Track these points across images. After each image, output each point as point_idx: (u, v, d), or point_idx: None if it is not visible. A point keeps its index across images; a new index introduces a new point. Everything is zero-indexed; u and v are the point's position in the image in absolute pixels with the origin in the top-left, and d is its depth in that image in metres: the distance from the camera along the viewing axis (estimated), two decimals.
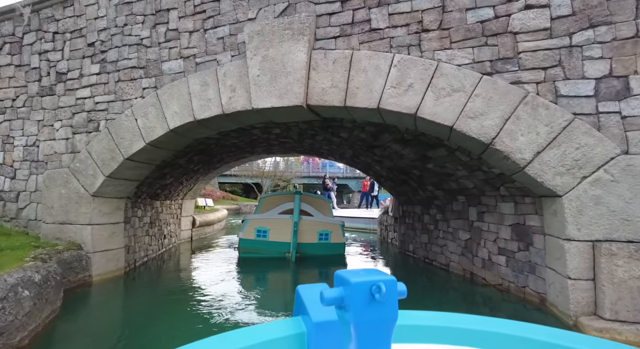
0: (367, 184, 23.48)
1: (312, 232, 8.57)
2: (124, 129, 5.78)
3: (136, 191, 7.02)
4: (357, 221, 15.59)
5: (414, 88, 4.44)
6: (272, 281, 7.46)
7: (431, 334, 0.88)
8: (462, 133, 4.27)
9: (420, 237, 8.16)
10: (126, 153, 5.76)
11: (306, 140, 7.98)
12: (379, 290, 0.66)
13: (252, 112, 5.18)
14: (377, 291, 0.67)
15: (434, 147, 5.57)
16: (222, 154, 8.66)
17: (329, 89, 4.78)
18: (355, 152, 8.04)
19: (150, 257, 8.37)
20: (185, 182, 9.67)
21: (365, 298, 0.67)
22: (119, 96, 5.95)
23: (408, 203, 8.88)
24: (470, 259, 6.17)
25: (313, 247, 8.59)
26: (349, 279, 0.69)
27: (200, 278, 7.54)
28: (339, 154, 8.84)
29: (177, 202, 10.74)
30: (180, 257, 9.90)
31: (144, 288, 6.37)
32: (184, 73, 5.62)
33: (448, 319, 0.92)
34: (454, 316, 0.94)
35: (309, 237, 8.51)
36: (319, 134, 7.16)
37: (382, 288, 0.66)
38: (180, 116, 5.49)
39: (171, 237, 10.27)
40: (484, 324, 0.90)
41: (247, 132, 6.85)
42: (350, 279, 0.68)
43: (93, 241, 5.85)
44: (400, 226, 9.40)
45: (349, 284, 0.68)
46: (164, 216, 9.48)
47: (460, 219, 6.51)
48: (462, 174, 5.76)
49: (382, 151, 6.98)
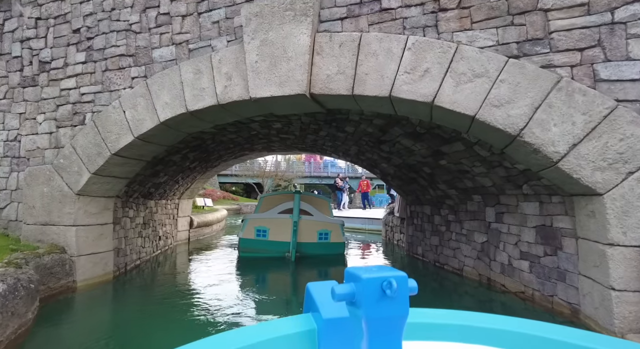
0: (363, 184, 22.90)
1: (312, 231, 8.51)
2: (111, 122, 5.32)
3: (127, 190, 6.56)
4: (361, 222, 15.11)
5: (431, 73, 3.97)
6: (272, 282, 7.24)
7: (442, 332, 0.88)
8: (485, 124, 3.79)
9: (430, 240, 7.67)
10: (113, 148, 5.29)
11: (309, 136, 7.51)
12: (390, 286, 0.66)
13: (249, 102, 4.71)
14: (388, 286, 0.66)
15: (449, 142, 5.08)
16: (219, 151, 8.19)
17: (334, 76, 4.31)
18: (361, 149, 7.56)
19: (143, 259, 7.90)
20: (181, 181, 9.21)
21: (376, 293, 0.67)
22: (107, 86, 5.49)
23: (416, 203, 8.39)
24: (487, 263, 5.68)
25: (313, 246, 8.52)
26: (359, 275, 0.68)
27: (197, 280, 7.26)
28: (343, 150, 8.36)
29: (173, 202, 10.29)
30: (176, 260, 9.47)
31: (135, 293, 5.92)
32: (176, 61, 5.16)
33: (459, 317, 0.92)
34: (465, 314, 0.94)
35: (309, 236, 8.45)
36: (323, 129, 6.68)
37: (394, 284, 0.66)
38: (172, 107, 5.03)
39: (167, 239, 9.81)
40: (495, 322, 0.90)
41: (245, 126, 6.38)
42: (361, 275, 0.68)
43: (78, 243, 5.38)
44: (408, 227, 8.91)
45: (360, 280, 0.68)
46: (159, 216, 9.02)
47: (476, 220, 6.02)
48: (479, 171, 5.27)
49: (390, 147, 6.50)
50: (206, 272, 7.79)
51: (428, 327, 0.88)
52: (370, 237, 13.50)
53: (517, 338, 0.85)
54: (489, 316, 0.94)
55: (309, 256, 8.45)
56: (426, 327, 0.88)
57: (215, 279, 6.93)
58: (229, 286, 6.39)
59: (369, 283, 0.66)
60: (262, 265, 8.03)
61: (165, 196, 9.15)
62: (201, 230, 12.50)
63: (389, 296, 0.66)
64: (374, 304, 0.66)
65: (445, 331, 0.88)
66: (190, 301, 5.65)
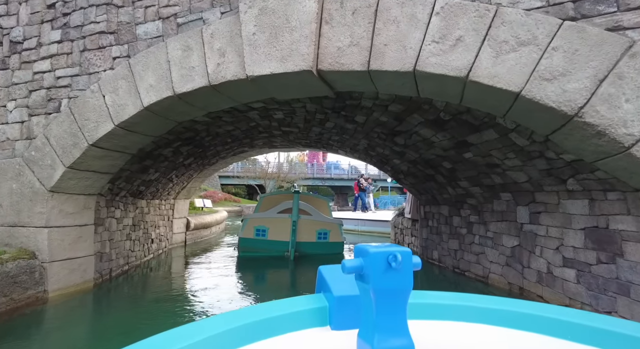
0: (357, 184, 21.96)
1: (311, 231, 8.59)
2: (89, 108, 4.64)
3: (111, 187, 5.88)
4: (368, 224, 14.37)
5: (465, 42, 3.27)
6: (271, 283, 7.07)
7: (446, 312, 0.92)
8: (532, 102, 3.09)
9: (448, 243, 6.95)
10: (91, 138, 4.62)
11: (314, 128, 6.81)
12: (395, 259, 0.69)
13: (246, 82, 4.02)
14: (394, 259, 0.69)
15: (479, 130, 4.37)
16: (216, 146, 7.51)
17: (346, 48, 3.62)
18: (371, 143, 6.85)
19: (132, 264, 7.22)
20: (175, 179, 8.53)
21: (382, 266, 0.70)
22: (85, 68, 4.82)
23: (432, 203, 7.67)
24: (520, 270, 4.95)
25: (312, 246, 8.59)
26: (367, 250, 0.72)
27: (192, 285, 6.77)
28: (351, 146, 7.66)
29: (168, 203, 9.61)
30: (170, 264, 8.81)
31: (119, 303, 5.24)
32: (163, 37, 4.49)
33: (462, 298, 0.96)
34: (467, 296, 0.98)
35: (308, 236, 8.52)
36: (330, 119, 5.99)
37: (398, 257, 0.70)
38: (157, 90, 4.35)
39: (161, 242, 9.13)
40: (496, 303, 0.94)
41: (243, 116, 5.69)
42: (369, 250, 0.72)
43: (51, 247, 4.70)
44: (422, 229, 8.18)
45: (367, 254, 0.72)
46: (151, 217, 8.35)
47: (504, 222, 5.30)
48: (512, 165, 4.56)
49: (406, 139, 5.79)
50: (202, 276, 7.42)
51: (433, 307, 0.92)
52: (378, 240, 12.79)
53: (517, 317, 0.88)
54: (492, 298, 0.97)
55: (308, 255, 8.46)
56: (431, 307, 0.92)
57: (212, 283, 6.61)
58: (226, 290, 6.09)
59: (375, 256, 0.71)
60: (262, 265, 7.98)
61: (158, 195, 8.48)
62: (199, 232, 11.82)
63: (394, 269, 0.70)
64: (381, 276, 0.70)
65: (449, 311, 0.92)
66: (184, 308, 5.13)
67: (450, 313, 0.91)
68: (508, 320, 0.88)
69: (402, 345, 0.71)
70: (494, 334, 0.87)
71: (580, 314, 0.87)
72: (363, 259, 0.72)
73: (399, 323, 0.72)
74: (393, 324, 0.71)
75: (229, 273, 7.87)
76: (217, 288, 6.37)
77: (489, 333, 0.87)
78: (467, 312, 0.91)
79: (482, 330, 0.88)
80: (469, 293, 0.99)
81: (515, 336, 0.86)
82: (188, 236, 11.03)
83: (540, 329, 0.85)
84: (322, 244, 8.72)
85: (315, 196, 11.53)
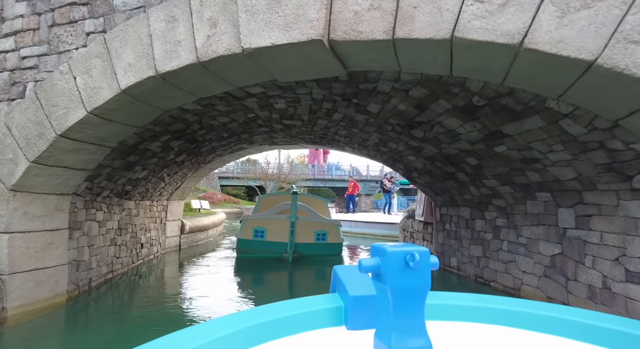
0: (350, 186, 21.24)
1: (309, 232, 8.52)
2: (58, 92, 3.94)
3: (90, 186, 5.17)
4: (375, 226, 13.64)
5: (518, 0, 2.57)
6: (270, 289, 6.82)
7: (465, 313, 0.91)
8: (612, 72, 2.39)
9: (469, 249, 6.23)
10: (60, 127, 3.92)
11: (319, 121, 6.11)
12: (412, 258, 0.69)
13: (241, 58, 3.32)
14: (411, 259, 0.69)
15: (520, 117, 3.66)
16: (211, 141, 6.81)
17: (365, 13, 2.91)
18: (384, 138, 6.15)
19: (118, 272, 6.51)
20: (167, 178, 7.82)
21: (400, 265, 0.70)
22: (54, 46, 4.12)
23: (450, 204, 6.95)
24: (563, 284, 4.23)
25: (310, 247, 8.53)
26: (385, 249, 0.72)
27: (186, 293, 6.23)
28: (360, 141, 6.95)
29: (160, 204, 8.90)
30: (163, 270, 8.13)
31: (97, 318, 4.57)
32: (144, 8, 3.79)
33: (479, 300, 0.95)
34: (484, 297, 0.97)
35: (306, 237, 8.45)
36: (338, 109, 5.28)
37: (416, 256, 0.69)
38: (136, 70, 3.65)
39: (152, 246, 8.42)
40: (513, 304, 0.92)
41: (239, 103, 4.99)
42: (386, 249, 0.71)
43: (12, 256, 3.99)
44: (437, 233, 7.46)
45: (385, 253, 0.71)
46: (141, 220, 7.64)
47: (541, 226, 4.58)
48: (557, 159, 3.85)
49: (425, 132, 5.08)
50: (197, 282, 6.93)
51: (450, 308, 0.91)
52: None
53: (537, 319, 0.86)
54: (510, 299, 0.96)
55: (307, 257, 8.41)
56: (448, 308, 0.91)
57: (208, 290, 6.20)
58: (222, 297, 5.74)
59: (393, 255, 0.70)
60: (260, 267, 7.87)
61: (148, 196, 7.77)
62: (195, 236, 11.11)
63: (412, 268, 0.69)
64: (398, 276, 0.69)
65: (467, 312, 0.90)
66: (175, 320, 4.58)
67: (469, 314, 0.90)
68: (527, 322, 0.87)
69: (420, 346, 0.71)
70: (512, 336, 0.86)
71: (603, 317, 0.86)
72: (380, 258, 0.72)
73: (416, 323, 0.71)
74: (411, 325, 0.71)
75: (225, 278, 7.47)
76: (213, 296, 5.89)
77: (507, 335, 0.86)
78: (486, 313, 0.90)
79: (501, 332, 0.87)
80: (487, 295, 0.99)
81: (535, 339, 0.85)
82: (183, 239, 10.32)
83: (560, 332, 0.84)
84: (320, 245, 8.63)
85: (314, 196, 11.29)
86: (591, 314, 0.87)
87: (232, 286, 6.91)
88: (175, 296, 6.22)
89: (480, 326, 0.88)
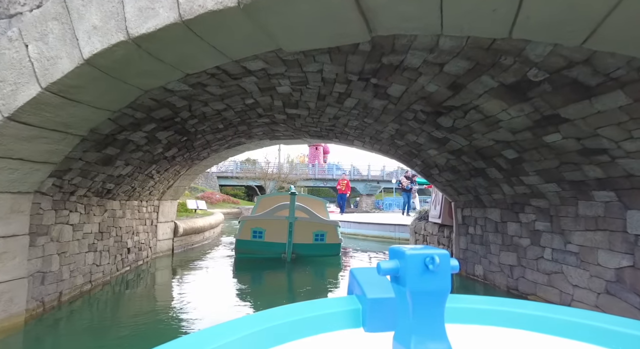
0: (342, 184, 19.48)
1: (308, 232, 8.49)
2: (5, 64, 3.15)
3: (59, 183, 4.38)
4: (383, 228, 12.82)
5: None
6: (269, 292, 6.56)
7: (486, 316, 0.88)
8: None
9: (499, 257, 5.44)
10: (8, 108, 3.13)
11: (328, 110, 5.32)
12: (432, 261, 0.67)
13: (236, 14, 2.52)
14: (431, 261, 0.67)
15: (592, 94, 2.87)
16: (204, 133, 6.02)
17: None
18: (402, 129, 5.36)
19: (98, 282, 5.72)
20: (157, 176, 7.03)
21: (419, 268, 0.68)
22: (4, 8, 3.33)
23: (474, 205, 6.16)
24: (636, 304, 3.44)
25: (308, 247, 8.52)
26: (404, 251, 0.70)
27: (178, 303, 5.58)
28: (373, 134, 6.17)
29: (150, 204, 8.11)
30: (153, 277, 7.39)
31: (66, 341, 3.83)
32: None
33: (503, 303, 0.93)
34: (505, 300, 0.95)
35: (305, 237, 8.42)
36: (353, 93, 4.50)
37: (436, 259, 0.67)
38: (103, 33, 2.86)
39: (141, 251, 7.63)
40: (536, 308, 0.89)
41: (235, 84, 4.19)
42: (405, 252, 0.70)
43: None
44: (459, 238, 6.68)
45: (404, 256, 0.70)
46: (127, 222, 6.86)
47: (601, 231, 3.80)
48: (636, 149, 3.06)
49: (456, 119, 4.30)
50: (191, 289, 6.36)
51: (470, 311, 0.89)
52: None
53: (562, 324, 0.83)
54: (532, 303, 0.93)
55: (305, 257, 8.42)
56: (469, 311, 0.88)
57: (203, 298, 5.68)
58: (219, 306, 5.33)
59: (412, 258, 0.68)
60: (258, 267, 7.83)
61: (136, 195, 6.98)
62: (189, 238, 10.32)
63: (432, 271, 0.67)
64: (417, 279, 0.68)
65: (488, 316, 0.88)
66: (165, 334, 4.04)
67: (490, 318, 0.87)
68: (552, 327, 0.83)
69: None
70: (534, 341, 0.82)
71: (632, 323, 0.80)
72: (399, 260, 0.70)
73: (436, 326, 0.70)
74: (430, 328, 0.69)
75: (222, 283, 6.93)
76: (208, 304, 5.37)
77: (530, 340, 0.82)
78: (508, 317, 0.87)
79: (523, 336, 0.83)
80: (508, 298, 0.97)
81: (558, 344, 0.81)
82: (176, 242, 9.54)
83: (587, 338, 0.79)
84: (319, 245, 8.64)
85: (312, 197, 11.29)
86: (627, 322, 0.81)
87: (229, 292, 6.30)
88: (166, 306, 5.47)
89: (502, 330, 0.85)
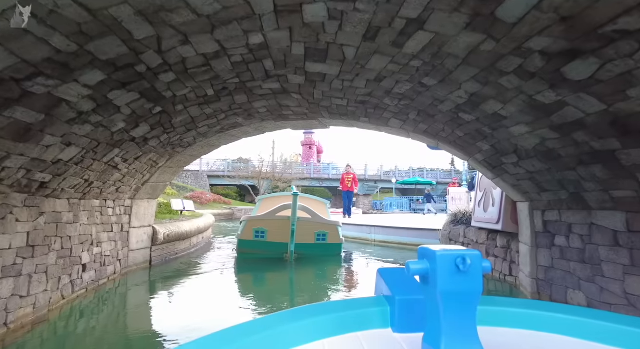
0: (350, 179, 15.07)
1: (310, 233, 8.60)
2: None
3: None
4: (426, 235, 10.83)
5: None
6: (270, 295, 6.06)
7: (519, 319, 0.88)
8: None
9: (624, 283, 3.70)
10: None
11: (373, 61, 3.55)
12: (463, 262, 0.67)
13: None
14: (462, 262, 0.67)
15: None
16: (186, 101, 4.20)
17: None
18: (482, 92, 3.61)
19: (20, 323, 3.87)
20: (123, 165, 5.19)
21: (450, 269, 0.67)
22: None
23: (567, 206, 4.40)
24: None
25: (311, 247, 8.63)
26: (434, 252, 0.70)
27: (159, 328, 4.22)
28: (426, 106, 4.40)
29: (120, 205, 6.27)
30: (123, 298, 5.64)
31: None
32: None
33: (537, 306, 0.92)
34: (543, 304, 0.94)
35: (307, 238, 8.52)
36: (430, 21, 2.72)
37: (467, 260, 0.67)
38: None
39: (104, 266, 5.78)
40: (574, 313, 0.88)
41: None
42: (436, 252, 0.69)
43: None
44: (537, 251, 4.93)
45: (434, 256, 0.69)
46: (82, 228, 5.01)
47: None
48: None
49: (609, 62, 2.55)
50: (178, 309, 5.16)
51: (504, 314, 0.88)
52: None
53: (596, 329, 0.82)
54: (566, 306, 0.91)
55: (307, 257, 8.49)
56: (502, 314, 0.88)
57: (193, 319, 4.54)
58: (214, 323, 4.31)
59: (443, 259, 0.67)
60: (261, 267, 7.82)
61: (93, 192, 5.13)
62: (172, 246, 8.47)
63: (463, 272, 0.66)
64: (448, 279, 0.67)
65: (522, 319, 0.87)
66: None
67: (524, 321, 0.87)
68: (587, 332, 0.82)
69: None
70: (568, 346, 0.81)
71: None
72: (429, 261, 0.70)
73: (467, 328, 0.69)
74: (461, 330, 0.68)
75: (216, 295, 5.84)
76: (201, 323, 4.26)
77: (564, 345, 0.82)
78: (542, 321, 0.87)
79: (558, 341, 0.83)
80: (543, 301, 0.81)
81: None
82: (155, 252, 7.68)
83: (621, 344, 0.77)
84: (321, 245, 8.75)
85: (314, 198, 10.95)
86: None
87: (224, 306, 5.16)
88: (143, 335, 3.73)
89: (535, 334, 0.84)
